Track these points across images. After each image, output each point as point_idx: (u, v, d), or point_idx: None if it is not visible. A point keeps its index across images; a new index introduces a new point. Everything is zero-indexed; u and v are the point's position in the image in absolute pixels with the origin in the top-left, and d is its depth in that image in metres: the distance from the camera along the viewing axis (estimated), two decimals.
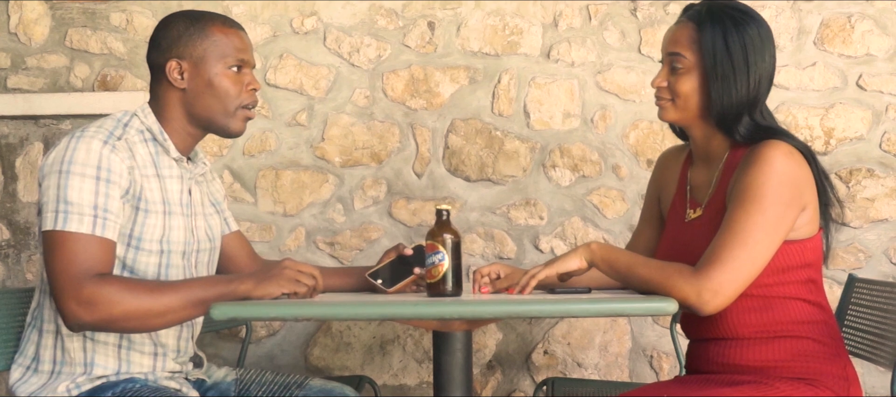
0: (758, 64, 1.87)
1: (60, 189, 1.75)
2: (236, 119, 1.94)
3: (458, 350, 1.75)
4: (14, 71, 3.28)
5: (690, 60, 1.89)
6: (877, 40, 3.14)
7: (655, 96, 1.97)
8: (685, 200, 2.01)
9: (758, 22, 1.90)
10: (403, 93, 3.21)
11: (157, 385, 1.88)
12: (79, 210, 1.74)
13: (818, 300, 1.89)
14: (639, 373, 3.17)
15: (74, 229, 1.74)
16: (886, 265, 3.13)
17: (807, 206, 1.83)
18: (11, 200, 3.27)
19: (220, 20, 1.94)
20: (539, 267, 1.88)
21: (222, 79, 1.90)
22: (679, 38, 1.92)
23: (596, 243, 1.88)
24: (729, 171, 1.89)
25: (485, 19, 3.20)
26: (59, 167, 1.76)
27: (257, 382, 2.08)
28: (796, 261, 1.84)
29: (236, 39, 1.93)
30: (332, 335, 3.23)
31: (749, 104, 1.87)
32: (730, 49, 1.86)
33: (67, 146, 1.78)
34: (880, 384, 3.11)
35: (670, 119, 1.96)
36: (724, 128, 1.89)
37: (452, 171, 3.21)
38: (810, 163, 1.85)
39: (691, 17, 1.92)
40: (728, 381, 1.83)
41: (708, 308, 1.73)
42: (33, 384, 1.84)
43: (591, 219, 3.17)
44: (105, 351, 1.85)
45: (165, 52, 1.91)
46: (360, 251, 3.21)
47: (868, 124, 3.14)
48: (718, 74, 1.86)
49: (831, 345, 1.86)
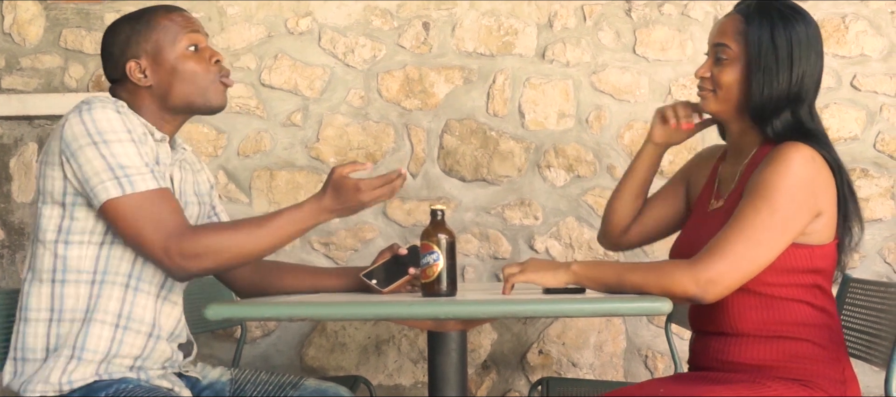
0: (802, 60, 1.86)
1: (107, 157, 1.76)
2: (214, 93, 1.95)
3: (453, 350, 1.74)
4: (8, 71, 3.28)
5: (735, 51, 1.89)
6: (871, 41, 3.14)
7: (698, 87, 1.97)
8: (712, 191, 2.02)
9: (807, 22, 1.90)
10: (398, 93, 3.21)
11: (150, 385, 1.87)
12: (138, 171, 1.77)
13: (824, 305, 1.88)
14: (634, 373, 3.17)
15: (144, 188, 1.76)
16: (881, 265, 3.13)
17: (822, 213, 1.82)
18: (6, 201, 3.27)
19: (162, 9, 1.95)
20: (516, 267, 1.85)
21: (183, 62, 1.91)
22: (726, 29, 1.92)
23: (577, 263, 1.84)
24: (753, 166, 1.89)
25: (479, 20, 3.20)
26: (90, 139, 1.76)
27: (252, 382, 2.07)
28: (803, 265, 1.83)
29: (182, 20, 1.94)
30: (327, 335, 3.23)
31: (790, 100, 1.86)
32: (775, 42, 1.86)
33: (85, 120, 1.78)
34: (874, 383, 3.11)
35: (711, 110, 1.96)
36: (761, 121, 1.89)
37: (447, 172, 3.21)
38: (835, 173, 1.84)
39: (740, 11, 1.92)
40: (723, 379, 1.84)
41: (708, 296, 1.73)
42: (24, 373, 1.83)
43: (586, 219, 3.18)
44: (100, 331, 1.82)
45: (120, 58, 1.92)
46: (354, 251, 3.21)
47: (862, 124, 3.14)
48: (761, 66, 1.85)
49: (831, 349, 1.86)
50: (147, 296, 1.88)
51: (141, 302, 1.87)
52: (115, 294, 1.84)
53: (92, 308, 1.82)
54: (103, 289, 1.83)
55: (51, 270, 1.83)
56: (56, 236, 1.83)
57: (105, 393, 1.81)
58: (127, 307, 1.85)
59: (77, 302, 1.82)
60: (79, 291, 1.82)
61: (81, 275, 1.82)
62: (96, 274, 1.83)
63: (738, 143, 1.97)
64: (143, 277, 1.87)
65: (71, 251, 1.82)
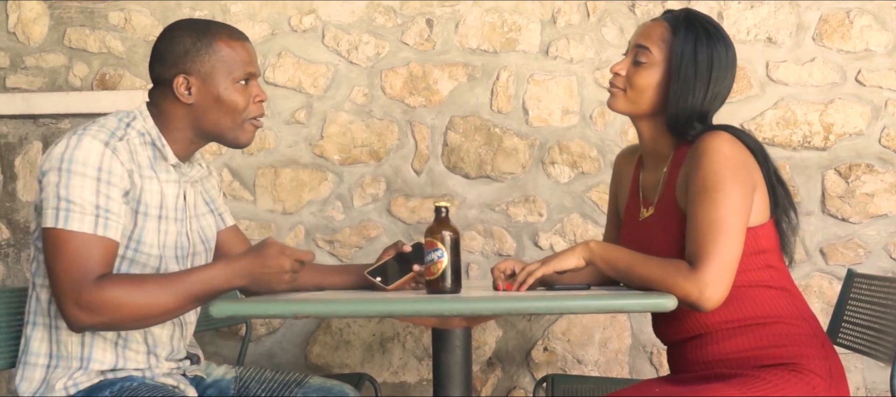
0: (719, 80, 1.93)
1: (61, 187, 1.74)
2: (245, 131, 1.93)
3: (458, 347, 1.75)
4: (13, 70, 3.28)
5: (656, 57, 1.95)
6: (876, 35, 3.14)
7: (610, 83, 2.02)
8: (638, 200, 2.06)
9: (727, 43, 1.96)
10: (402, 90, 3.21)
11: (155, 382, 1.88)
12: (80, 209, 1.73)
13: (782, 284, 1.91)
14: (639, 370, 3.17)
15: (76, 228, 1.73)
16: (886, 260, 3.13)
17: (757, 188, 1.87)
18: (11, 199, 3.27)
19: (225, 33, 1.91)
20: (536, 263, 1.89)
21: (231, 93, 1.89)
22: (651, 34, 1.97)
23: (595, 242, 1.90)
24: (675, 169, 1.94)
25: (483, 16, 3.20)
26: (59, 164, 1.75)
27: (257, 380, 2.07)
28: (751, 248, 1.86)
29: (243, 52, 1.91)
30: (332, 333, 3.23)
31: (700, 114, 1.93)
32: (697, 57, 1.92)
33: (68, 145, 1.77)
34: (880, 379, 3.11)
35: (618, 108, 2.01)
36: (675, 130, 1.95)
37: (451, 169, 3.21)
38: (756, 154, 1.88)
39: (668, 19, 1.98)
40: (715, 376, 1.84)
41: (709, 303, 1.74)
42: (31, 380, 1.84)
43: (590, 215, 3.17)
44: (103, 345, 1.84)
45: (171, 68, 1.88)
46: (359, 249, 3.21)
47: (867, 119, 3.14)
48: (680, 77, 1.92)
49: (803, 326, 1.88)
50: None
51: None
52: None
53: None
54: None
55: (44, 276, 1.84)
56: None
57: (109, 391, 1.81)
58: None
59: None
60: None
61: None
62: None
63: (652, 147, 2.02)
64: None
65: None
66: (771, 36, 3.15)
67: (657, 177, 2.00)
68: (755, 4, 3.16)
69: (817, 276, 3.13)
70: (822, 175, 3.14)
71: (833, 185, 3.13)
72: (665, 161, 1.98)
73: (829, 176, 3.13)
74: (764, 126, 3.13)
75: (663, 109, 1.95)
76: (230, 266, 1.78)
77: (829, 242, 3.13)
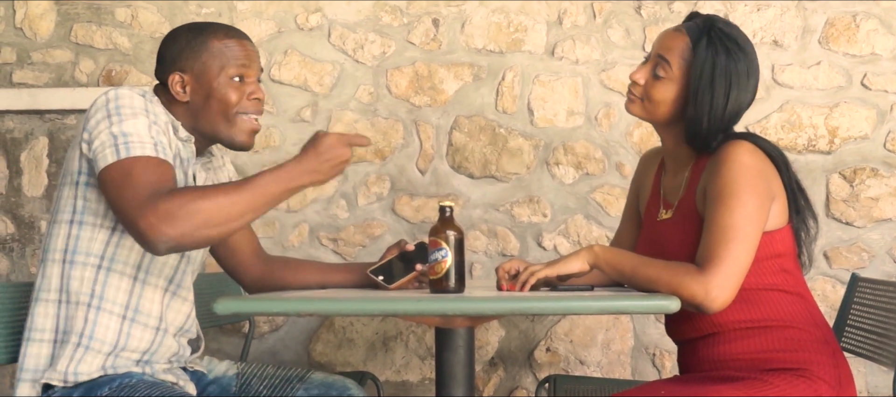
0: (738, 97, 1.92)
1: (114, 126, 1.75)
2: (239, 129, 1.92)
3: (461, 346, 1.75)
4: (19, 65, 3.29)
5: (675, 73, 1.94)
6: (882, 39, 3.13)
7: (628, 89, 2.02)
8: (658, 201, 2.06)
9: (748, 56, 1.93)
10: (407, 89, 3.21)
11: (154, 379, 1.88)
12: (139, 138, 1.75)
13: (797, 289, 1.92)
14: (641, 371, 3.17)
15: (139, 153, 1.73)
16: (890, 264, 3.12)
17: (775, 198, 1.87)
18: (16, 194, 3.28)
19: (221, 31, 1.92)
20: (540, 266, 1.89)
21: (223, 89, 1.89)
22: (672, 47, 1.95)
23: (599, 246, 1.90)
24: (696, 175, 1.94)
25: (489, 17, 3.20)
26: (106, 112, 1.77)
27: (259, 376, 2.08)
28: (766, 252, 1.87)
29: (237, 49, 1.91)
30: (335, 331, 3.24)
31: (718, 129, 1.92)
32: (715, 77, 1.90)
33: (108, 97, 1.79)
34: (883, 383, 3.11)
35: (635, 113, 2.01)
36: (693, 143, 1.95)
37: (456, 168, 3.21)
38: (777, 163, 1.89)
39: (689, 30, 1.95)
40: (724, 377, 1.84)
41: (715, 305, 1.75)
42: (32, 355, 1.84)
43: (595, 216, 3.17)
44: (107, 322, 1.83)
45: (169, 66, 1.91)
46: (363, 247, 3.21)
47: (873, 123, 3.13)
48: (697, 98, 1.91)
49: (814, 332, 1.88)
50: (155, 290, 1.89)
51: (148, 295, 1.88)
52: (123, 285, 1.84)
53: (99, 294, 1.83)
54: (110, 277, 1.83)
55: (62, 250, 1.84)
56: (71, 216, 1.84)
57: (109, 388, 1.81)
58: (134, 299, 1.86)
59: (82, 286, 1.82)
60: (85, 274, 1.82)
61: (89, 259, 1.83)
62: (104, 259, 1.83)
63: (674, 153, 2.03)
64: (151, 270, 1.88)
65: (83, 232, 1.83)
66: (777, 39, 3.15)
67: (678, 180, 2.00)
68: (761, 7, 3.16)
69: (821, 280, 3.13)
70: (827, 178, 3.13)
71: (837, 189, 3.12)
72: (686, 166, 1.99)
73: (833, 179, 3.13)
74: (769, 129, 3.13)
75: (681, 119, 1.95)
76: (292, 166, 1.80)
77: (834, 246, 3.13)
